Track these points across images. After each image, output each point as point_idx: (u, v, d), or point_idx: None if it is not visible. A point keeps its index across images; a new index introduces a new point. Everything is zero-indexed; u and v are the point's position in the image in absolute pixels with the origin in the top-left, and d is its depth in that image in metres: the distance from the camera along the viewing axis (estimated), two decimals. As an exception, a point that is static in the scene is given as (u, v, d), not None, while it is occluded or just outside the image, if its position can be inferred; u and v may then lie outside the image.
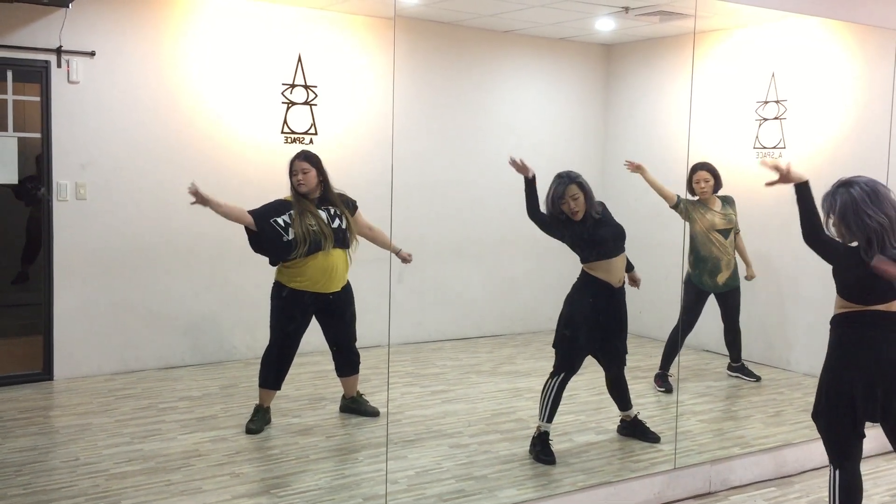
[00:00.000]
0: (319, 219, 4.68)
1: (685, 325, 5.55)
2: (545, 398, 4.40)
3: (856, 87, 5.98)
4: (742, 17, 6.07)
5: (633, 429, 4.73)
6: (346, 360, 5.01)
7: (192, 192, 4.44)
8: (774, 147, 6.27)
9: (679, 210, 5.51)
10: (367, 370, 5.27)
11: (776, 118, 6.26)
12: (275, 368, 4.81)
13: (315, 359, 5.77)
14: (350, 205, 4.89)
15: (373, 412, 5.06)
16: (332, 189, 4.80)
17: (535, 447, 4.41)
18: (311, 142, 6.46)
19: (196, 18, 6.10)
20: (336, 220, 4.75)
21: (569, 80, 7.53)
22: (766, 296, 6.37)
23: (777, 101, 6.25)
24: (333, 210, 4.76)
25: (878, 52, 5.67)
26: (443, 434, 4.77)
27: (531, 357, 6.45)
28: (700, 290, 5.66)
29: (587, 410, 5.20)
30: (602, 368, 4.68)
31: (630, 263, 4.64)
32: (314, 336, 4.96)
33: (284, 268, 4.73)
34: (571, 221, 4.38)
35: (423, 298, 6.89)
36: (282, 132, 6.40)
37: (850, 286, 3.26)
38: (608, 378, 4.69)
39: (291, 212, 4.65)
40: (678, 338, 5.38)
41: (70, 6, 5.54)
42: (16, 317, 7.15)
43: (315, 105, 6.51)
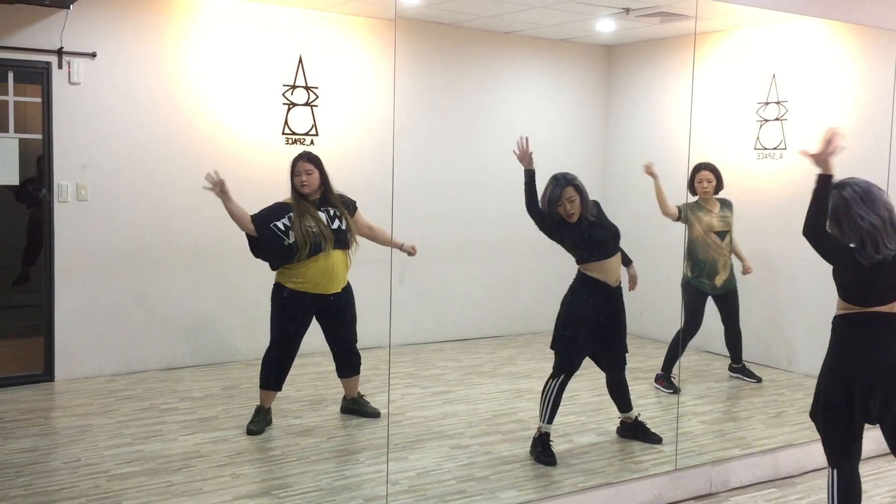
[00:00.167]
0: (319, 220, 4.68)
1: (690, 328, 5.56)
2: (545, 399, 4.40)
3: (856, 88, 5.98)
4: (742, 19, 6.07)
5: (635, 430, 4.72)
6: (347, 362, 5.02)
7: (216, 182, 4.44)
8: (775, 148, 6.27)
9: (682, 219, 5.53)
10: (368, 371, 5.27)
11: (777, 119, 6.26)
12: (275, 369, 4.81)
13: (316, 360, 5.78)
14: (350, 205, 4.90)
15: (374, 413, 5.06)
16: (333, 190, 4.81)
17: (536, 448, 4.41)
18: (312, 143, 6.46)
19: (197, 19, 6.10)
20: (336, 222, 4.75)
21: (569, 82, 7.53)
22: (766, 297, 6.37)
23: (778, 103, 6.25)
24: (333, 211, 4.77)
25: (879, 53, 5.68)
26: (444, 435, 4.77)
27: (532, 358, 6.45)
28: (700, 292, 5.67)
29: (588, 411, 5.20)
30: (602, 371, 4.68)
31: (627, 257, 4.62)
32: (315, 337, 4.96)
33: (285, 269, 4.73)
34: (566, 223, 4.37)
35: (424, 299, 6.90)
36: (282, 133, 6.41)
37: (849, 287, 3.26)
38: (609, 380, 4.68)
39: (291, 214, 4.66)
40: (681, 339, 5.39)
41: (71, 7, 5.55)
42: (17, 318, 7.16)
43: (316, 106, 6.52)
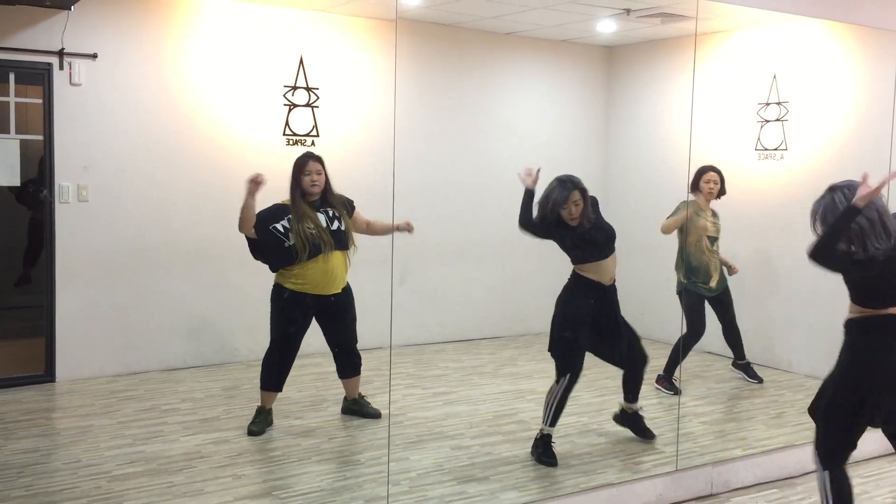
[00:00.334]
0: (317, 222, 4.68)
1: (694, 331, 5.55)
2: (550, 403, 4.39)
3: (857, 89, 5.98)
4: (743, 19, 6.08)
5: (630, 421, 4.72)
6: (348, 362, 5.02)
7: (258, 181, 4.45)
8: (776, 149, 6.27)
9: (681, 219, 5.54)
10: (369, 372, 5.27)
11: (778, 120, 6.26)
12: (276, 370, 4.82)
13: (316, 360, 5.78)
14: (348, 205, 4.90)
15: (374, 414, 5.07)
16: (333, 190, 4.81)
17: (537, 449, 4.41)
18: (313, 144, 6.46)
19: (198, 20, 6.10)
20: (335, 222, 4.75)
21: (570, 82, 7.53)
22: (767, 297, 6.37)
23: (779, 103, 6.25)
24: (332, 212, 4.77)
25: (879, 54, 5.68)
26: (444, 436, 4.77)
27: (533, 358, 6.45)
28: (697, 296, 5.67)
29: (589, 412, 5.19)
30: (621, 368, 4.65)
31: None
32: (315, 338, 4.96)
33: (285, 270, 4.73)
34: (564, 224, 4.37)
35: (425, 300, 6.90)
36: (283, 134, 6.41)
37: (859, 287, 3.27)
38: (626, 373, 4.66)
39: (290, 216, 4.66)
40: (685, 344, 5.41)
41: (72, 8, 5.55)
42: (18, 319, 7.15)
43: (317, 107, 6.52)
